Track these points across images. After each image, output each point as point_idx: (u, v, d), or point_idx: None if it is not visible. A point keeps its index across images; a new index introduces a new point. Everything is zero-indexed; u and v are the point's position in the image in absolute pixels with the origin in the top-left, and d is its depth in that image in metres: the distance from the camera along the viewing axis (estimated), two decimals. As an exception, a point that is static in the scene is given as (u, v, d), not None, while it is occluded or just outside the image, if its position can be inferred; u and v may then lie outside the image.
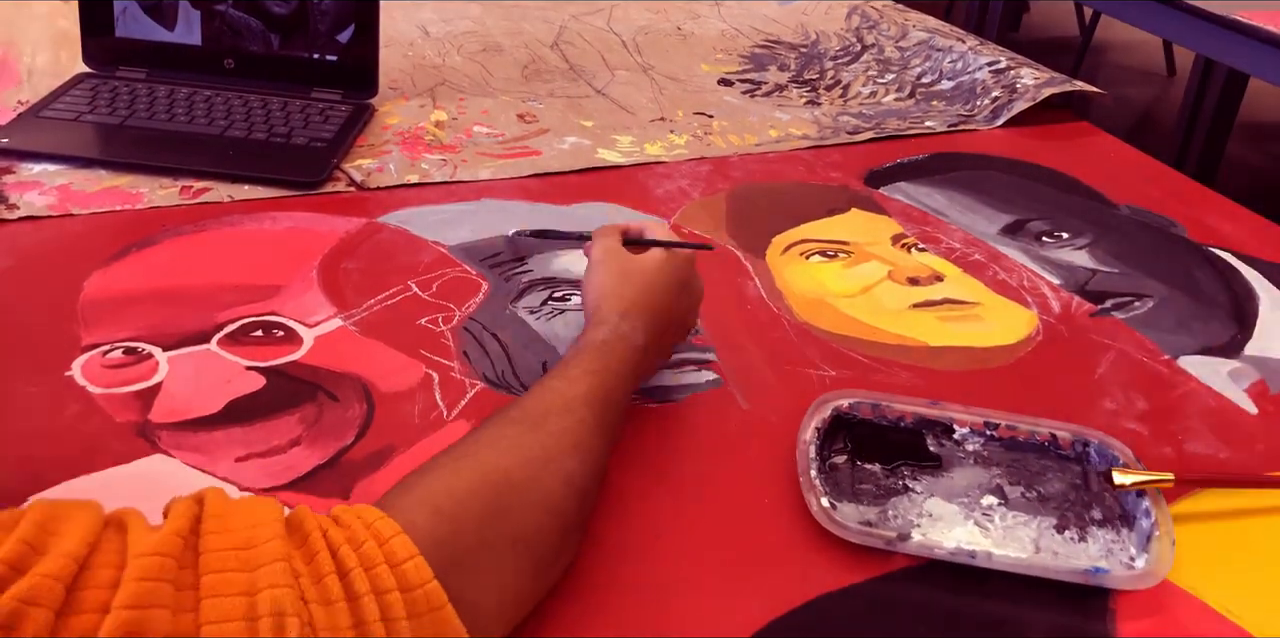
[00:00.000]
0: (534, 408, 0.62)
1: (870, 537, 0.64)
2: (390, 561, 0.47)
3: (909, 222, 1.05)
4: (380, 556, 0.47)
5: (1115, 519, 0.68)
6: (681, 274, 0.76)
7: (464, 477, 0.55)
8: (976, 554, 0.63)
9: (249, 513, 0.47)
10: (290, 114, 1.11)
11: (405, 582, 0.46)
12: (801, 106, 1.31)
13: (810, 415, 0.72)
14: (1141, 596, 0.63)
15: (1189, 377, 0.84)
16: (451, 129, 1.17)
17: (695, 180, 1.10)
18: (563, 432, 0.60)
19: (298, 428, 0.72)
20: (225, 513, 0.46)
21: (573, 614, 0.60)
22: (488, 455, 0.58)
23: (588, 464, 0.61)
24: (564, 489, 0.58)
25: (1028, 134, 1.26)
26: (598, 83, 1.34)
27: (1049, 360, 0.85)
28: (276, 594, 0.42)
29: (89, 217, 0.94)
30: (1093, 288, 0.95)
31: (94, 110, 1.09)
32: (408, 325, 0.83)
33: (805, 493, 0.66)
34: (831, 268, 0.96)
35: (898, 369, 0.83)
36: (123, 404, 0.73)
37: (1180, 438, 0.77)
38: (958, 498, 0.69)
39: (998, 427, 0.73)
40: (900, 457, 0.72)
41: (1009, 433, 0.73)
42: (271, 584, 0.43)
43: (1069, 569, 0.63)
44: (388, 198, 1.02)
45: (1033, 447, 0.73)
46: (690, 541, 0.65)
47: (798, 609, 0.61)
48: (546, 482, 0.57)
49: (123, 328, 0.80)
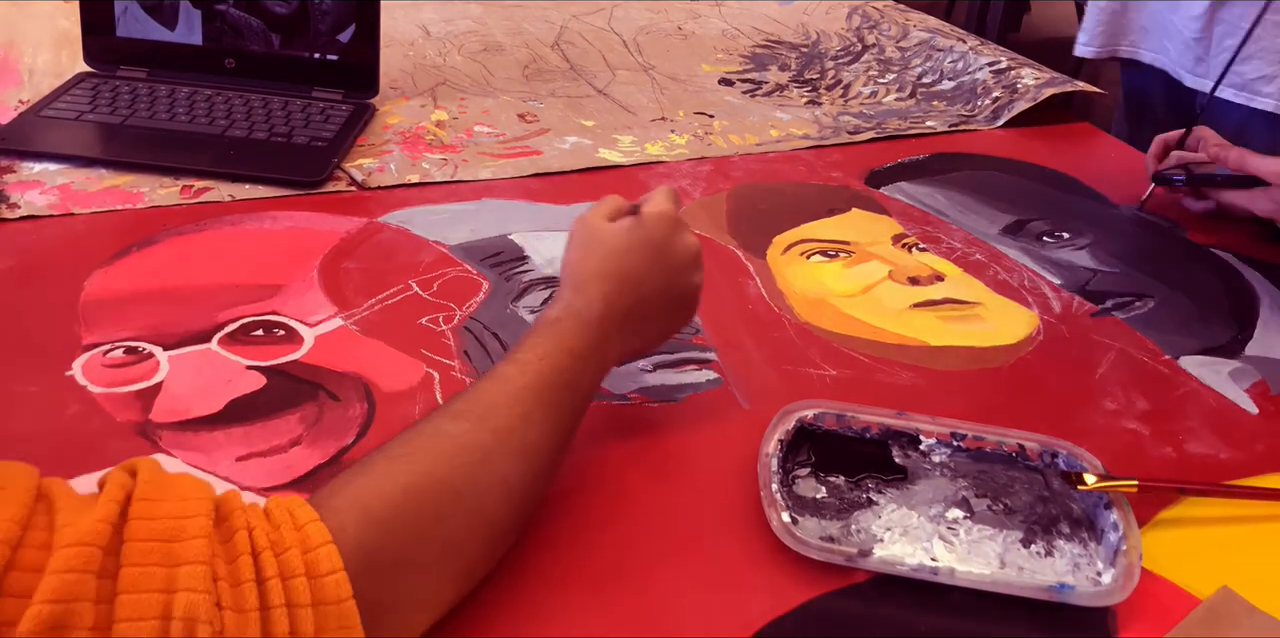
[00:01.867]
0: (480, 400, 0.60)
1: (831, 554, 0.63)
2: (311, 572, 0.46)
3: (910, 221, 1.05)
4: (302, 566, 0.46)
5: (1083, 533, 0.67)
6: (653, 235, 0.69)
7: (399, 481, 0.53)
8: (939, 571, 0.62)
9: (179, 500, 0.46)
10: (291, 114, 1.11)
11: (321, 596, 0.46)
12: (802, 106, 1.31)
13: (773, 427, 0.71)
14: (1139, 600, 0.63)
15: (1190, 377, 0.84)
16: (452, 129, 1.17)
17: (696, 180, 1.10)
18: (508, 431, 0.58)
19: (298, 427, 0.72)
20: (156, 495, 0.46)
21: (573, 615, 0.60)
22: (425, 459, 0.55)
23: (532, 467, 0.59)
24: (501, 497, 0.57)
25: (1029, 134, 1.26)
26: (599, 82, 1.34)
27: (1050, 360, 0.85)
28: (193, 599, 0.42)
29: (90, 216, 0.94)
30: (1093, 288, 0.95)
31: (95, 110, 1.09)
32: (408, 325, 0.83)
33: (766, 508, 0.65)
34: (832, 268, 0.96)
35: (898, 369, 0.83)
36: (123, 404, 0.73)
37: (1181, 438, 0.77)
38: (923, 511, 0.68)
39: (965, 437, 0.73)
40: (865, 469, 0.71)
41: (976, 443, 0.73)
42: (189, 588, 0.42)
43: (1034, 586, 0.62)
44: (388, 197, 1.02)
45: (1000, 457, 0.72)
46: (689, 541, 0.66)
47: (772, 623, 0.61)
48: (485, 489, 0.56)
49: (123, 327, 0.80)
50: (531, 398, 0.60)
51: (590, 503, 0.67)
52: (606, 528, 0.66)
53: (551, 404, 0.61)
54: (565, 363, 0.63)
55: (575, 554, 0.64)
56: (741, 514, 0.67)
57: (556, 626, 0.59)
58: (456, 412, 0.59)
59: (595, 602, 0.61)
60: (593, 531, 0.65)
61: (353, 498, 0.52)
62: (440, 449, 0.56)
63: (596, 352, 0.65)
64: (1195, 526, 0.70)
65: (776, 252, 0.98)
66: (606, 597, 0.61)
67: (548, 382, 0.61)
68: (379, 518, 0.51)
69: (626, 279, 0.68)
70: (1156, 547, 0.66)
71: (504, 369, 0.62)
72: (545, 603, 0.60)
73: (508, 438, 0.58)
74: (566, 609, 0.60)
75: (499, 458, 0.57)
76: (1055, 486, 0.70)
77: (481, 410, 0.59)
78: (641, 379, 0.79)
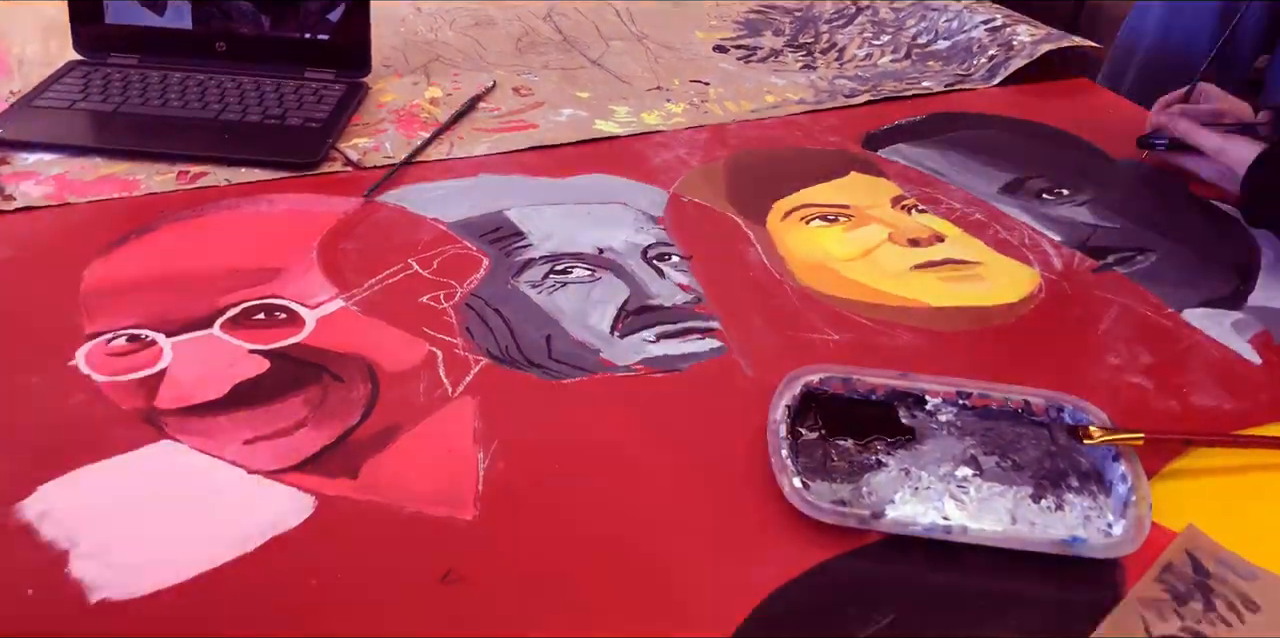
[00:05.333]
0: None
1: (844, 517, 0.63)
2: None
3: (908, 183, 1.04)
4: None
5: (1092, 486, 0.68)
6: None
7: None
8: (952, 530, 0.63)
9: None
10: (284, 95, 1.11)
11: None
12: (797, 71, 1.30)
13: (780, 393, 0.71)
14: (1149, 551, 0.63)
15: (1193, 330, 0.84)
16: (446, 105, 1.16)
17: (694, 148, 1.10)
18: None
19: (303, 410, 0.72)
20: None
21: (586, 584, 0.60)
22: None
23: None
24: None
25: (1026, 92, 1.25)
26: (592, 53, 1.33)
27: (1052, 317, 0.85)
28: None
29: (87, 205, 0.94)
30: (1094, 244, 0.95)
31: (87, 98, 1.09)
32: (409, 304, 0.83)
33: (777, 474, 0.66)
34: (832, 232, 0.96)
35: (901, 331, 0.83)
36: (128, 391, 0.73)
37: (1185, 391, 0.77)
38: (932, 470, 0.69)
39: (970, 396, 0.73)
40: (873, 431, 0.71)
41: (982, 402, 0.73)
42: None
43: (1046, 540, 0.63)
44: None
45: (1006, 415, 0.73)
46: (696, 509, 0.66)
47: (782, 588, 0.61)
48: None
49: (125, 315, 0.80)
50: None
51: (599, 475, 0.68)
52: (616, 499, 0.66)
53: None
54: None
55: (587, 526, 0.64)
56: (752, 481, 0.67)
57: (569, 595, 0.59)
58: None
59: (607, 571, 0.61)
60: (603, 502, 0.65)
61: None
62: None
63: None
64: (1202, 476, 0.70)
65: (776, 218, 0.98)
66: (618, 567, 0.61)
67: None
68: None
69: None
70: (1165, 498, 0.66)
71: None
72: (556, 574, 0.60)
73: None
74: (578, 579, 0.60)
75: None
76: (1062, 440, 0.71)
77: None
78: (645, 350, 0.79)
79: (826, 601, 0.60)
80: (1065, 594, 0.61)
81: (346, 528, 0.63)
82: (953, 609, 0.60)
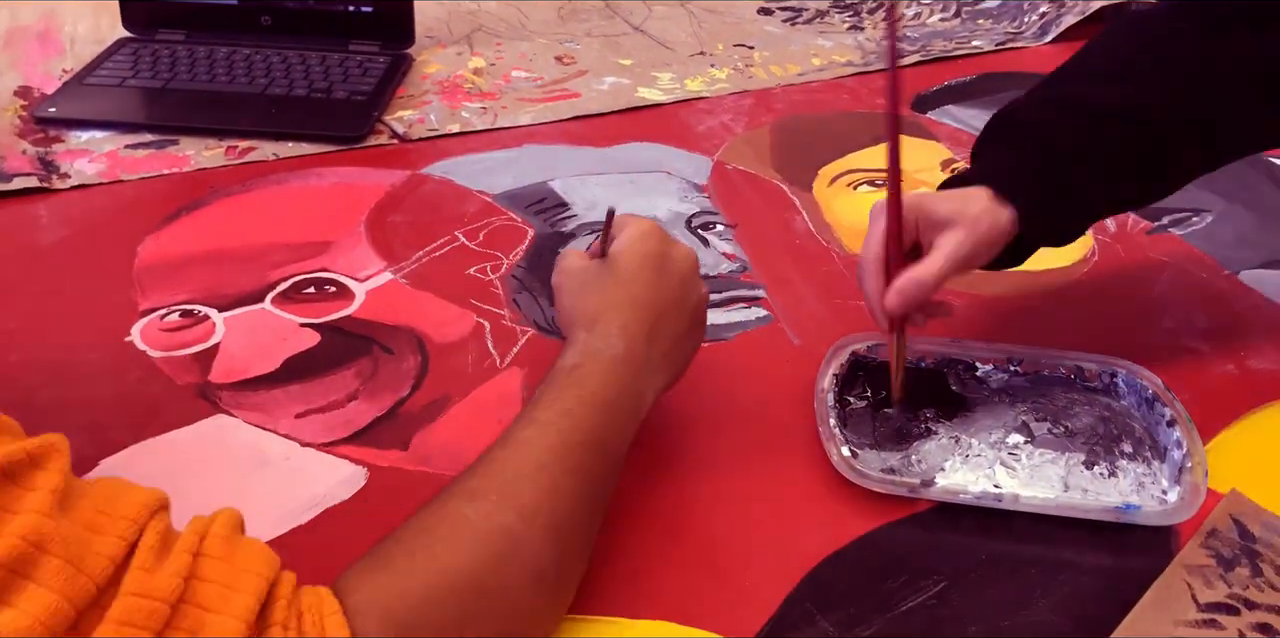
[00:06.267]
0: (499, 474, 0.52)
1: (894, 486, 0.63)
2: None
3: (959, 146, 1.03)
4: None
5: (1146, 452, 0.67)
6: (649, 249, 0.62)
7: (419, 578, 0.47)
8: (1003, 497, 0.62)
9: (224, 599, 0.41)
10: (329, 68, 1.11)
11: None
12: (844, 32, 1.29)
13: (828, 361, 0.71)
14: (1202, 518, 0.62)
15: (1250, 291, 0.82)
16: (490, 75, 1.16)
17: (738, 115, 1.09)
18: (534, 509, 0.50)
19: (354, 382, 0.73)
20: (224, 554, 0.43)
21: (640, 553, 0.60)
22: (445, 552, 0.48)
23: (565, 548, 0.52)
24: (533, 588, 0.50)
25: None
26: (635, 19, 1.32)
27: (1106, 281, 0.84)
28: None
29: (138, 182, 0.95)
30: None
31: (137, 75, 1.10)
32: (457, 275, 0.84)
33: (825, 443, 0.65)
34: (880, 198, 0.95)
35: (951, 297, 0.82)
36: (183, 367, 0.74)
37: (1243, 354, 0.76)
38: (982, 438, 0.68)
39: (1021, 362, 0.72)
40: (922, 398, 0.71)
41: (1033, 368, 0.72)
42: None
43: (1099, 507, 0.62)
44: (430, 149, 1.02)
45: (1058, 381, 0.72)
46: (744, 479, 0.66)
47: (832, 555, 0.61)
48: (513, 582, 0.49)
49: (178, 291, 0.81)
50: (557, 464, 0.53)
51: (649, 446, 0.67)
52: (666, 470, 0.66)
53: (581, 469, 0.54)
54: (592, 417, 0.55)
55: (633, 496, 0.64)
56: (799, 450, 0.67)
57: (623, 564, 0.60)
58: (474, 490, 0.51)
59: (655, 541, 0.61)
60: (650, 472, 0.66)
61: (372, 595, 0.46)
62: (460, 539, 0.49)
63: (628, 396, 0.58)
64: (1259, 441, 0.69)
65: (823, 184, 0.97)
66: (667, 536, 0.62)
67: (573, 442, 0.54)
68: (400, 620, 0.45)
69: (639, 304, 0.60)
70: (1219, 464, 0.65)
71: (521, 433, 0.54)
72: (603, 544, 0.61)
73: (535, 519, 0.50)
74: (626, 549, 0.61)
75: (527, 543, 0.50)
76: (1115, 406, 0.70)
77: (501, 486, 0.51)
78: (691, 319, 0.79)
79: (876, 569, 0.60)
80: (1118, 562, 0.60)
81: (398, 499, 0.63)
82: (1003, 578, 0.60)
